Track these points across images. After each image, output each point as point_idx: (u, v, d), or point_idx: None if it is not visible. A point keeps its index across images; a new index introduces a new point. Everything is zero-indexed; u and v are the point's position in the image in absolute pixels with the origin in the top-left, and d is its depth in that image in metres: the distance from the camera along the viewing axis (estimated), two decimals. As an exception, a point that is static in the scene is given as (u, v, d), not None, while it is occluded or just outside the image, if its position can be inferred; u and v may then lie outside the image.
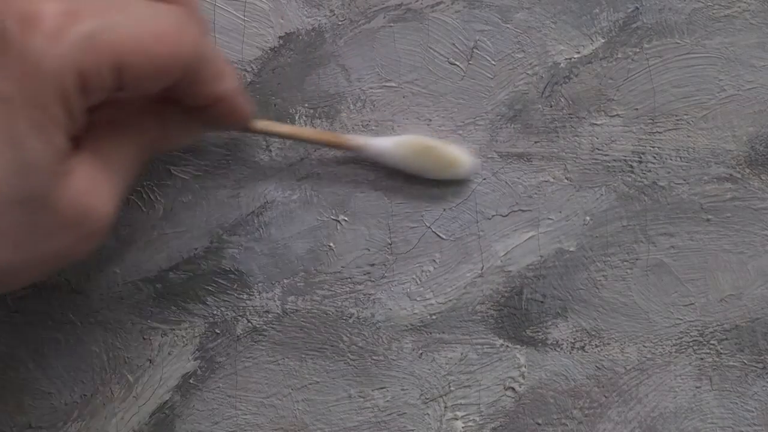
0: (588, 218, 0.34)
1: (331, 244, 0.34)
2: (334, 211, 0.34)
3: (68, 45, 0.25)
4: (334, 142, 0.33)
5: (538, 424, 0.34)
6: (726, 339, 0.34)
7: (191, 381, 0.34)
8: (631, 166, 0.34)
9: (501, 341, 0.34)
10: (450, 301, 0.34)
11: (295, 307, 0.34)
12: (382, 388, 0.34)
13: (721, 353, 0.34)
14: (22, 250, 0.26)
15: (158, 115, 0.30)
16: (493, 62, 0.34)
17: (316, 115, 0.34)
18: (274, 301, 0.34)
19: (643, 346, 0.34)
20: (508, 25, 0.34)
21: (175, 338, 0.34)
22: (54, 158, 0.26)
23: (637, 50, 0.34)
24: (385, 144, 0.33)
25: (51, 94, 0.25)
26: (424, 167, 0.33)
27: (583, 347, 0.34)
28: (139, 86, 0.27)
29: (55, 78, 0.25)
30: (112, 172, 0.29)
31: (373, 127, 0.34)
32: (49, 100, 0.25)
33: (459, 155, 0.34)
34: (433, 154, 0.33)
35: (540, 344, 0.34)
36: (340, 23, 0.34)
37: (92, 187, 0.27)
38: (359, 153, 0.33)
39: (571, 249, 0.34)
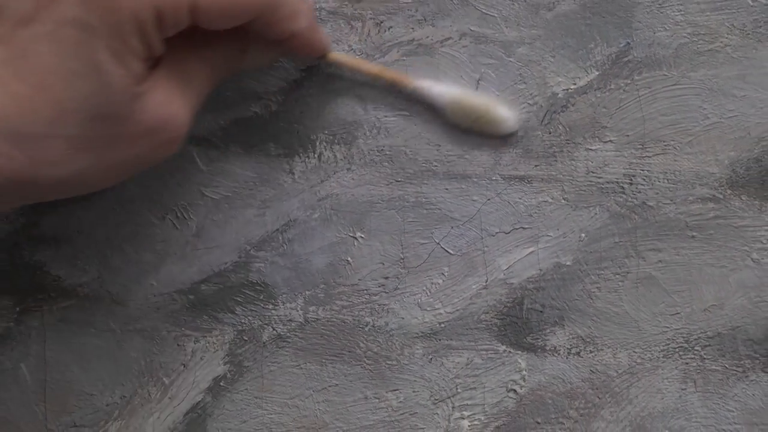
0: (583, 235, 0.35)
1: (349, 259, 0.35)
2: (351, 229, 0.35)
3: None
4: (396, 81, 0.34)
5: (538, 422, 0.35)
6: (709, 345, 0.35)
7: (221, 383, 0.35)
8: (623, 188, 0.35)
9: (504, 347, 0.35)
10: (457, 310, 0.35)
11: (316, 316, 0.35)
12: (395, 390, 0.35)
13: (704, 358, 0.35)
14: (105, 157, 0.28)
15: (237, 40, 0.32)
16: (497, 93, 0.35)
17: (335, 141, 0.35)
18: (297, 310, 0.35)
19: (634, 351, 0.35)
20: (510, 59, 0.35)
21: (207, 344, 0.35)
22: (130, 81, 0.28)
23: (629, 82, 0.35)
24: (442, 95, 0.34)
25: (130, 27, 0.27)
26: (468, 123, 0.34)
27: (579, 353, 0.35)
28: (211, 24, 0.29)
29: (134, 13, 0.27)
30: (187, 86, 0.30)
31: (387, 152, 0.35)
32: (127, 32, 0.27)
33: (503, 117, 0.34)
34: (480, 114, 0.34)
35: (539, 350, 0.35)
36: (357, 57, 0.35)
37: (168, 100, 0.29)
38: (417, 94, 0.34)
39: (568, 263, 0.35)
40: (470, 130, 0.35)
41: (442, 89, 0.34)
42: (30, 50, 0.26)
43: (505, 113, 0.34)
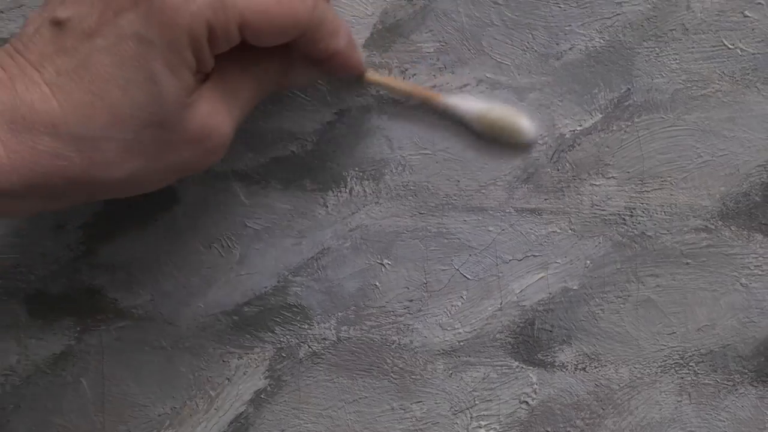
0: (588, 262, 0.36)
1: (377, 283, 0.37)
2: (379, 256, 0.37)
3: (201, 3, 0.27)
4: (428, 99, 0.35)
5: (548, 431, 0.37)
6: (702, 362, 0.36)
7: (262, 396, 0.37)
8: (624, 219, 0.36)
9: (517, 363, 0.37)
10: (475, 330, 0.37)
11: (347, 335, 0.37)
12: (419, 402, 0.37)
13: (698, 373, 0.36)
14: (155, 160, 0.29)
15: (280, 58, 0.32)
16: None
17: (365, 177, 0.36)
18: (330, 330, 0.37)
19: (634, 367, 0.36)
20: (523, 103, 0.36)
21: (249, 361, 0.37)
22: (183, 92, 0.28)
23: (629, 123, 0.36)
24: (470, 110, 0.35)
25: (184, 41, 0.28)
26: (493, 134, 0.36)
27: (585, 368, 0.36)
28: (260, 41, 0.30)
29: (188, 29, 0.27)
30: (232, 101, 0.31)
31: (411, 187, 0.36)
32: (182, 46, 0.28)
33: (524, 128, 0.35)
34: (500, 125, 0.35)
35: (549, 366, 0.36)
36: (384, 102, 0.36)
37: (214, 112, 0.30)
38: (447, 110, 0.35)
39: (575, 287, 0.36)
40: (495, 140, 0.36)
41: (470, 105, 0.35)
42: (92, 61, 0.28)
43: (525, 125, 0.35)
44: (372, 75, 0.35)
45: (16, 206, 0.29)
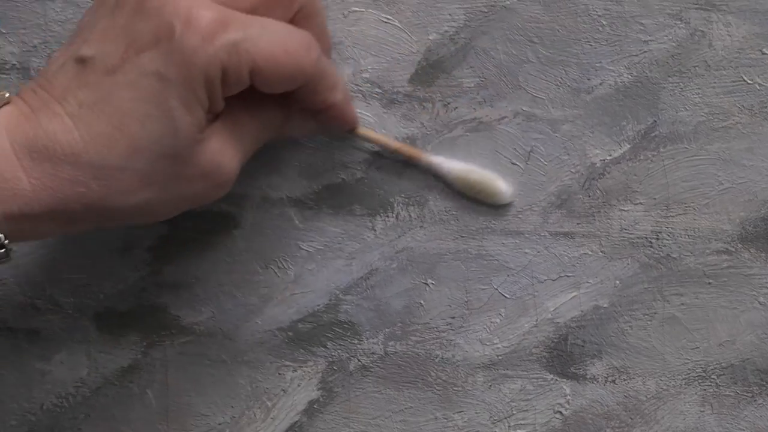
0: (618, 282, 0.37)
1: (422, 302, 0.38)
2: (423, 276, 0.38)
3: (217, 46, 0.29)
4: (413, 156, 0.36)
5: None
6: (723, 374, 0.37)
7: (315, 406, 0.38)
8: (651, 242, 0.37)
9: (551, 376, 0.38)
10: (512, 345, 0.38)
11: (394, 350, 0.38)
12: (460, 411, 0.38)
13: (719, 385, 0.37)
14: (167, 191, 0.30)
15: (282, 108, 0.33)
16: (545, 163, 0.38)
17: (410, 203, 0.37)
18: (378, 345, 0.38)
19: (660, 379, 0.37)
20: (556, 134, 0.37)
21: (303, 373, 0.38)
22: (195, 128, 0.29)
23: (655, 153, 0.37)
24: (450, 170, 0.36)
25: (199, 80, 0.28)
26: (472, 193, 0.37)
27: (614, 381, 0.37)
28: (267, 87, 0.31)
29: (204, 69, 0.28)
30: (239, 141, 0.32)
31: (453, 212, 0.37)
32: (197, 85, 0.29)
33: (501, 190, 0.36)
34: (479, 186, 0.36)
35: (581, 378, 0.38)
36: (428, 133, 0.38)
37: (223, 149, 0.31)
38: (430, 168, 0.36)
39: (605, 305, 0.37)
40: (474, 199, 0.37)
41: (451, 165, 0.37)
42: (113, 96, 0.29)
43: (502, 188, 0.37)
44: (363, 130, 0.36)
45: (36, 229, 0.30)
